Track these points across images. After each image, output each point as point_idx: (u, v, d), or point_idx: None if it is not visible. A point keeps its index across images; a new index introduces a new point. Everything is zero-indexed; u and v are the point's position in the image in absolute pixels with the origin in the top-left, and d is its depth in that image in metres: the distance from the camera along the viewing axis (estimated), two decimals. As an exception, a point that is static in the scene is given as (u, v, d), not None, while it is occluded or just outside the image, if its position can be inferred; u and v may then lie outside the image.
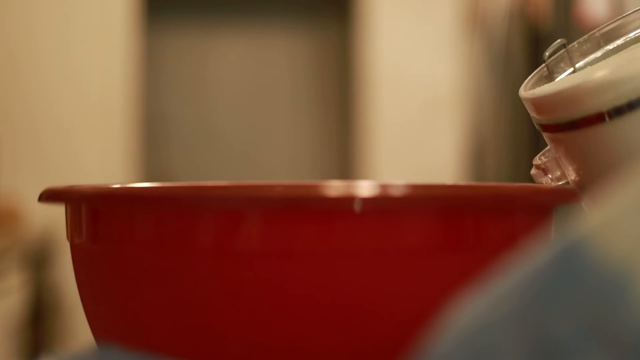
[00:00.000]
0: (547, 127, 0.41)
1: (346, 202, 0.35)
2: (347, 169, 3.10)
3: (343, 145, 3.15)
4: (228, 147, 3.17)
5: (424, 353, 0.26)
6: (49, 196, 0.41)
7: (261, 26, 3.17)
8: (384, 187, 0.36)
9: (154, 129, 3.09)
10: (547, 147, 0.43)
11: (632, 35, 0.45)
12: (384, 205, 0.36)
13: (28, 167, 2.70)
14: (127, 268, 0.38)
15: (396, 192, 0.36)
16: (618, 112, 0.38)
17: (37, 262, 2.46)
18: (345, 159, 3.13)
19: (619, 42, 0.45)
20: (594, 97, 0.39)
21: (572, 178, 0.42)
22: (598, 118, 0.38)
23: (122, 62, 2.81)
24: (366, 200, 0.35)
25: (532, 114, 0.42)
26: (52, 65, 2.76)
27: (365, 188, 0.36)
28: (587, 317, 0.23)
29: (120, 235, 0.38)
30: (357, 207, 0.35)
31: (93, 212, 0.40)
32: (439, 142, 2.86)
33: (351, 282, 0.35)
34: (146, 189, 0.43)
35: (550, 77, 0.45)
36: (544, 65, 0.46)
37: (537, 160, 0.43)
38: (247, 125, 3.18)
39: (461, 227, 0.37)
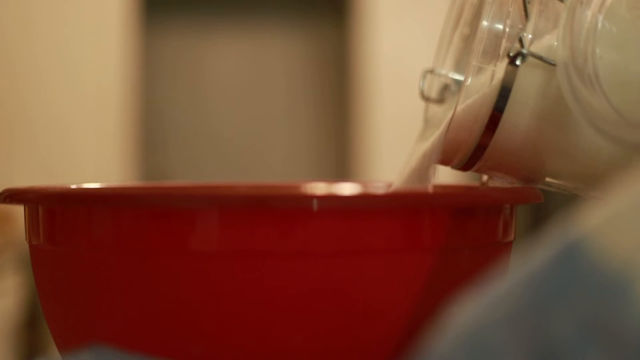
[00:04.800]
0: (463, 167, 0.41)
1: (304, 202, 0.35)
2: (346, 168, 3.09)
3: (342, 143, 3.15)
4: (226, 146, 3.17)
5: (423, 353, 0.26)
6: (7, 197, 0.40)
7: (259, 25, 3.17)
8: (341, 188, 0.36)
9: (151, 127, 3.09)
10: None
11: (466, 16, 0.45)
12: (342, 206, 0.35)
13: (24, 167, 2.70)
14: (85, 269, 0.38)
15: (352, 193, 0.35)
16: (502, 102, 0.38)
17: (34, 262, 2.45)
18: (345, 157, 3.12)
19: (466, 31, 0.45)
20: (475, 116, 0.39)
21: (516, 179, 0.42)
22: (492, 124, 0.38)
23: (120, 61, 2.81)
24: (323, 201, 0.35)
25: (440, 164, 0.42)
26: (48, 64, 2.75)
27: (323, 189, 0.35)
28: (587, 317, 0.23)
29: (78, 237, 0.38)
30: (314, 207, 0.34)
31: (50, 213, 0.39)
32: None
33: (311, 282, 0.35)
34: (103, 189, 0.42)
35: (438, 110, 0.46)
36: (425, 104, 0.47)
37: (481, 184, 0.43)
38: (245, 124, 3.18)
39: (422, 228, 0.36)
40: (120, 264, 0.36)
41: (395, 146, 2.87)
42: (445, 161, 0.41)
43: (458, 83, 0.46)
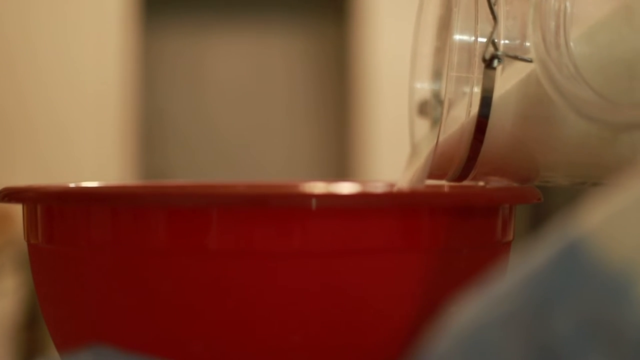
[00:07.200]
0: (458, 179, 0.41)
1: (302, 201, 0.35)
2: (346, 167, 3.09)
3: (342, 143, 3.15)
4: (226, 145, 3.17)
5: (423, 353, 0.26)
6: (5, 195, 0.40)
7: (259, 24, 3.17)
8: (340, 187, 0.36)
9: (151, 127, 3.09)
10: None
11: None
12: (341, 206, 0.35)
13: (24, 167, 2.70)
14: (83, 269, 0.38)
15: (351, 192, 0.35)
16: (486, 109, 0.38)
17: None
18: (345, 156, 3.12)
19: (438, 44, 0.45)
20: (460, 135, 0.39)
21: (513, 181, 0.42)
22: (480, 132, 0.38)
23: (120, 60, 2.81)
24: (322, 200, 0.34)
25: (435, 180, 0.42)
26: (48, 64, 2.75)
27: (322, 188, 0.35)
28: (588, 316, 0.23)
29: (76, 236, 0.38)
30: (313, 206, 0.34)
31: (48, 212, 0.39)
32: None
33: (309, 282, 0.35)
34: (101, 188, 0.42)
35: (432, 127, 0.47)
36: (410, 125, 0.47)
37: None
38: (244, 123, 3.18)
39: (421, 228, 0.36)
40: (119, 263, 0.36)
41: (395, 146, 2.87)
42: (438, 175, 0.41)
43: (437, 94, 0.46)
